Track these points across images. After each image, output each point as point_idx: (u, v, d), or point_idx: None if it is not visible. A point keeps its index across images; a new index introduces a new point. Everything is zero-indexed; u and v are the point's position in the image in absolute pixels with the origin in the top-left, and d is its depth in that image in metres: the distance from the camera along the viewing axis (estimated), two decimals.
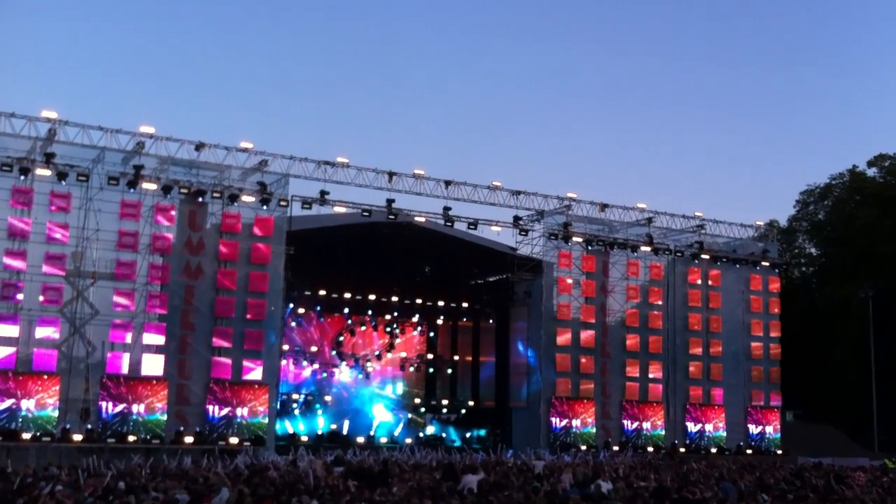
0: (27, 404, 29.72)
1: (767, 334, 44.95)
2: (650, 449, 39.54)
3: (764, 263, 45.08)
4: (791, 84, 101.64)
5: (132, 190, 31.77)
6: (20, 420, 29.53)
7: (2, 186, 30.17)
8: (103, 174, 31.47)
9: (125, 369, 31.56)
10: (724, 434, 42.86)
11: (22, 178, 30.31)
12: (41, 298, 30.42)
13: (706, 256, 43.21)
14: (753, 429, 43.92)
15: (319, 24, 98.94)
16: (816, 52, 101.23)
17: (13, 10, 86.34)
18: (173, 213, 32.77)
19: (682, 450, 40.65)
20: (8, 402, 29.55)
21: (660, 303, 42.51)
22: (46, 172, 30.58)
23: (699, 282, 43.62)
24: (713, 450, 41.51)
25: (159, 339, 32.03)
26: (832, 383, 54.66)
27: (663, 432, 41.40)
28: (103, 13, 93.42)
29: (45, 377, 30.20)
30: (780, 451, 43.12)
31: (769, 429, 44.26)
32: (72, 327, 31.02)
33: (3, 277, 29.91)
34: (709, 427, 42.66)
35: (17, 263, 30.02)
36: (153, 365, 31.85)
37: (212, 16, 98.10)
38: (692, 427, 42.37)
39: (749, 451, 42.30)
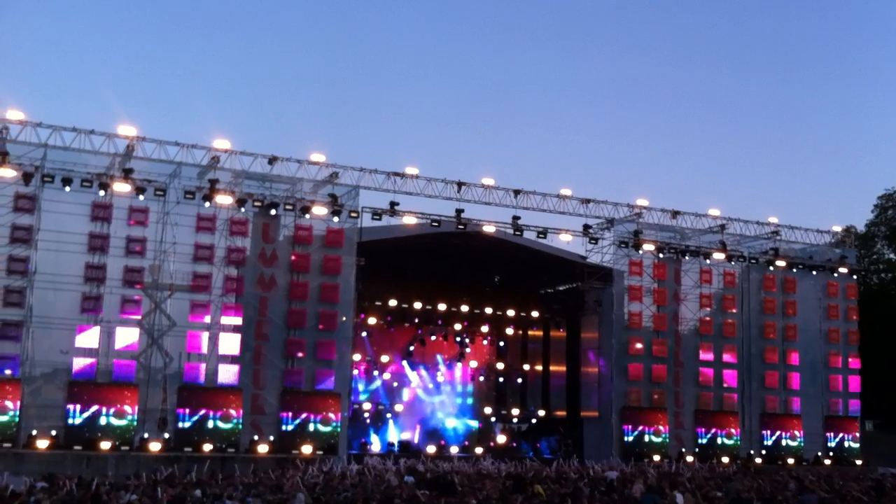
0: (106, 414, 30.51)
1: (846, 342, 43.90)
2: (725, 459, 38.87)
3: (842, 270, 43.94)
4: (867, 86, 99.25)
5: (207, 204, 32.45)
6: (99, 429, 30.26)
7: (82, 202, 31.02)
8: (180, 188, 32.22)
9: (201, 379, 32.19)
10: (802, 444, 41.99)
11: (101, 193, 31.13)
12: (120, 310, 31.27)
13: (782, 263, 42.39)
14: (832, 439, 42.98)
15: (388, 37, 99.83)
16: (891, 52, 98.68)
17: (90, 30, 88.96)
18: (247, 225, 33.39)
19: (759, 460, 39.96)
20: (88, 412, 30.34)
21: (734, 311, 41.83)
22: (125, 187, 31.39)
23: (775, 289, 42.82)
24: (790, 460, 40.67)
25: (234, 350, 32.56)
26: None
27: (738, 442, 40.75)
28: (179, 32, 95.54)
29: (124, 387, 30.95)
30: (859, 462, 42.05)
31: (848, 438, 43.24)
32: (150, 338, 31.76)
33: (83, 290, 30.79)
34: (785, 437, 41.85)
35: (98, 276, 30.89)
36: (228, 375, 32.38)
37: (283, 33, 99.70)
38: (768, 437, 41.63)
39: (827, 462, 41.35)
